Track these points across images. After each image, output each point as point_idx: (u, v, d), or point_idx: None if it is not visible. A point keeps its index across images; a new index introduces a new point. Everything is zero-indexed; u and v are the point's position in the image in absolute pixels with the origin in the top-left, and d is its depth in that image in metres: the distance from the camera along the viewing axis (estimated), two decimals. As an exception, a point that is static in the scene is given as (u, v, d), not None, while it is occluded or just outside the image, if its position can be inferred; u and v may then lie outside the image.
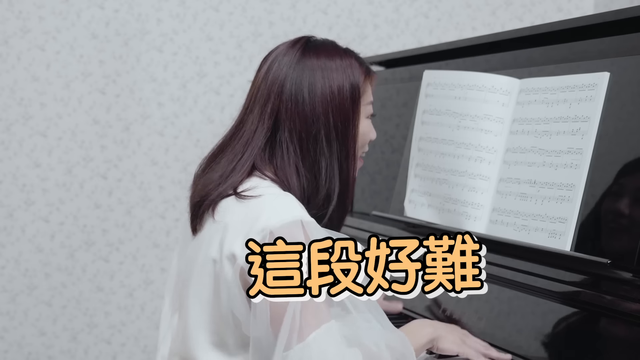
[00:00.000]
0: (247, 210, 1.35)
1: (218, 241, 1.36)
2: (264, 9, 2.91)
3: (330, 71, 1.43)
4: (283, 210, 1.33)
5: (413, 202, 1.94)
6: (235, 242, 1.33)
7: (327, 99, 1.42)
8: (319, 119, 1.41)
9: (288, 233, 1.28)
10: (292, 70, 1.43)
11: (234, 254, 1.33)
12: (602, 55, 1.62)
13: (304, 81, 1.42)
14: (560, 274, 1.51)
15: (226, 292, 1.36)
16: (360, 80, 1.46)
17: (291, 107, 1.41)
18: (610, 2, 2.95)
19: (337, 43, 1.52)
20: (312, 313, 1.28)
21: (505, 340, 1.55)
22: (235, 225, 1.35)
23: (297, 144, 1.41)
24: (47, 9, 2.75)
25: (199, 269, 1.39)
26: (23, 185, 2.78)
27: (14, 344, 2.80)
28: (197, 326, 1.40)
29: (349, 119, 1.43)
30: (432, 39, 3.05)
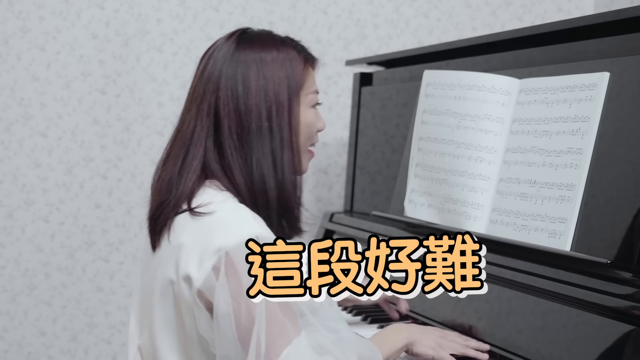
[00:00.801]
0: (201, 229, 1.32)
1: (174, 262, 1.33)
2: (264, 9, 2.91)
3: (264, 64, 1.38)
4: (237, 228, 1.30)
5: (413, 202, 1.94)
6: (190, 264, 1.30)
7: (261, 93, 1.37)
8: (253, 112, 1.37)
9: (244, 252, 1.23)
10: (226, 65, 1.39)
11: (189, 276, 1.30)
12: (602, 55, 1.62)
13: (238, 75, 1.38)
14: (560, 274, 1.51)
15: (188, 313, 1.33)
16: (297, 71, 1.41)
17: (227, 102, 1.37)
18: (610, 2, 2.95)
19: (274, 33, 1.46)
20: (279, 331, 1.26)
21: (505, 340, 1.55)
22: (189, 246, 1.31)
23: (236, 140, 1.37)
24: (47, 9, 2.75)
25: (160, 290, 1.36)
26: (23, 185, 2.78)
27: (14, 344, 2.80)
28: (164, 348, 1.37)
29: (285, 112, 1.39)
30: (432, 39, 3.05)
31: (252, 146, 1.37)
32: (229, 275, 1.27)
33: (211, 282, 1.28)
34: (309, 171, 3.00)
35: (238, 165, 1.37)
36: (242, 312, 1.26)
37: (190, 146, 1.39)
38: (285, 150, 1.39)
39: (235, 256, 1.27)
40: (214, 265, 1.28)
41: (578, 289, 1.46)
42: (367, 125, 2.44)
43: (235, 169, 1.37)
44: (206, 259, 1.29)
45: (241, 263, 1.25)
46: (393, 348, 1.46)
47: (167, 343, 1.37)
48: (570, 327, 1.43)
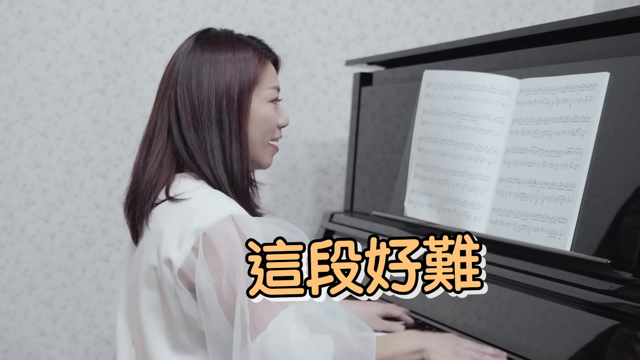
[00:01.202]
0: (179, 214, 1.38)
1: (155, 248, 1.39)
2: (264, 9, 2.91)
3: (218, 64, 1.46)
4: (212, 208, 1.36)
5: (413, 202, 1.94)
6: (171, 247, 1.36)
7: (212, 87, 1.45)
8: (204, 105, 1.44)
9: (221, 231, 1.33)
10: (183, 63, 1.47)
11: (170, 259, 1.36)
12: (602, 55, 1.62)
13: (192, 71, 1.45)
14: (560, 274, 1.51)
15: (172, 295, 1.39)
16: (250, 71, 1.47)
17: (183, 97, 1.45)
18: (610, 2, 2.95)
19: (234, 33, 1.53)
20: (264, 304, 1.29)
21: (505, 340, 1.55)
22: (169, 231, 1.37)
23: (193, 132, 1.45)
24: (47, 9, 2.75)
25: (144, 278, 1.42)
26: (23, 185, 2.78)
27: (14, 344, 2.80)
28: (153, 334, 1.43)
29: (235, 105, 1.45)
30: (432, 39, 3.05)
31: (204, 137, 1.44)
32: (207, 254, 1.33)
33: (191, 261, 1.34)
34: (309, 171, 3.01)
35: (198, 155, 1.44)
36: (223, 287, 1.32)
37: (153, 139, 1.47)
38: (234, 141, 1.45)
39: (212, 235, 1.33)
40: (193, 246, 1.34)
41: (578, 289, 1.46)
42: (367, 125, 2.44)
43: (198, 158, 1.44)
44: (185, 240, 1.35)
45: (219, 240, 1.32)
46: (403, 349, 1.44)
47: (154, 328, 1.43)
48: (570, 327, 1.43)
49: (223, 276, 1.31)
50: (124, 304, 1.55)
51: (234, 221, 1.34)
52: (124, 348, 1.53)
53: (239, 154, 1.46)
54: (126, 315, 1.54)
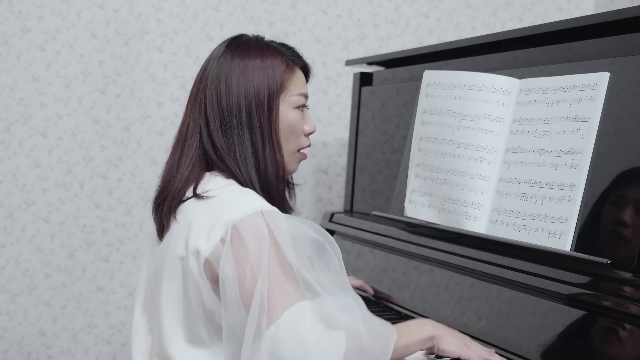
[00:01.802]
0: (209, 208, 1.42)
1: (184, 239, 1.42)
2: (264, 9, 2.91)
3: (247, 70, 1.50)
4: (243, 203, 1.39)
5: (413, 202, 1.94)
6: (199, 238, 1.39)
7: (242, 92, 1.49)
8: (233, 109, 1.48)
9: (250, 224, 1.36)
10: (214, 67, 1.52)
11: (198, 249, 1.39)
12: (602, 55, 1.62)
13: (222, 74, 1.50)
14: (560, 274, 1.51)
15: (194, 286, 1.41)
16: (277, 77, 1.51)
17: (212, 100, 1.50)
18: (610, 2, 2.95)
19: (265, 40, 1.57)
20: (282, 294, 1.32)
21: (505, 340, 1.55)
22: (198, 222, 1.41)
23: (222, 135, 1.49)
24: (47, 9, 2.75)
25: (168, 269, 1.45)
26: (23, 185, 2.78)
27: (14, 344, 2.80)
28: (170, 324, 1.45)
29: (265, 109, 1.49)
30: (432, 39, 3.05)
31: (233, 140, 1.48)
32: (234, 244, 1.35)
33: (218, 251, 1.37)
34: (309, 171, 3.01)
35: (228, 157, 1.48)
36: (246, 277, 1.33)
37: (186, 140, 1.51)
38: (266, 145, 1.49)
39: (241, 227, 1.36)
40: (222, 237, 1.37)
41: (578, 289, 1.46)
42: (367, 125, 2.44)
43: (227, 160, 1.48)
44: (214, 231, 1.38)
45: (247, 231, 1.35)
46: (415, 337, 1.43)
47: (172, 319, 1.45)
48: (570, 327, 1.44)
49: (247, 265, 1.33)
50: (142, 296, 1.58)
51: (263, 216, 1.37)
52: (139, 338, 1.56)
53: (273, 157, 1.49)
54: (144, 307, 1.57)
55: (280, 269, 1.34)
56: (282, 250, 1.35)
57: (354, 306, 1.37)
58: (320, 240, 1.39)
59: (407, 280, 1.93)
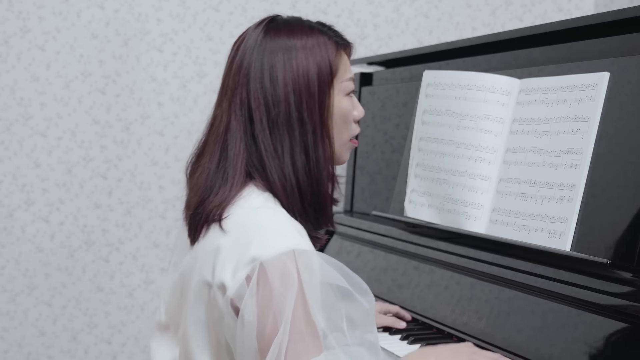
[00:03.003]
0: (238, 235, 1.28)
1: (211, 265, 1.29)
2: (264, 9, 2.91)
3: (292, 52, 1.32)
4: (275, 238, 1.25)
5: (413, 202, 1.94)
6: (226, 271, 1.26)
7: (289, 83, 1.31)
8: (281, 104, 1.31)
9: (279, 264, 1.22)
10: (254, 56, 1.33)
11: (224, 284, 1.26)
12: (602, 55, 1.62)
13: (265, 65, 1.32)
14: (560, 274, 1.51)
15: (218, 317, 1.30)
16: (330, 58, 1.34)
17: (257, 95, 1.32)
18: (610, 2, 2.95)
19: (303, 19, 1.40)
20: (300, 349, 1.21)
21: (505, 340, 1.55)
22: (226, 250, 1.27)
23: (268, 134, 1.31)
24: (47, 9, 2.75)
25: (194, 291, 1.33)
26: (23, 185, 2.78)
27: (14, 344, 2.80)
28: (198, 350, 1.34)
29: (316, 102, 1.32)
30: (432, 39, 3.05)
31: (283, 139, 1.31)
32: (260, 285, 1.22)
33: (242, 290, 1.24)
34: (309, 171, 3.00)
35: (271, 159, 1.31)
36: (267, 324, 1.22)
37: (228, 142, 1.33)
38: (318, 142, 1.33)
39: (269, 267, 1.22)
40: (247, 275, 1.23)
41: (578, 289, 1.46)
42: (367, 125, 2.44)
43: (269, 164, 1.31)
44: (240, 267, 1.24)
45: (275, 273, 1.22)
46: None
47: (200, 345, 1.33)
48: (570, 327, 1.43)
49: (270, 312, 1.21)
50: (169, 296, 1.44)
51: (294, 256, 1.23)
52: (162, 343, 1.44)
53: (324, 155, 1.34)
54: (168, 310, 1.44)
55: (304, 321, 1.21)
56: (308, 301, 1.22)
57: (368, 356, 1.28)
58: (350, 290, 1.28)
59: (407, 280, 1.93)
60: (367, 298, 1.29)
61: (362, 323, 1.29)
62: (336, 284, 1.27)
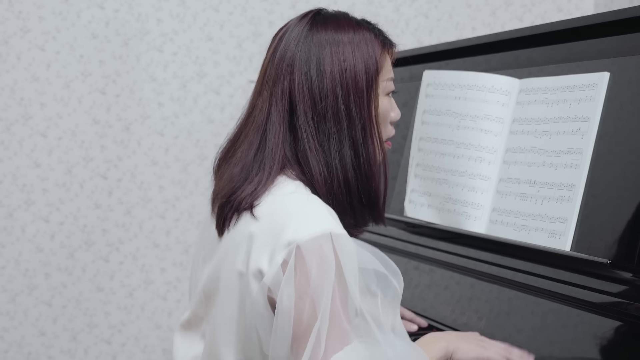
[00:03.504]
0: (272, 221, 1.25)
1: (244, 252, 1.26)
2: (264, 9, 2.91)
3: (340, 46, 1.31)
4: (311, 221, 1.22)
5: (413, 202, 1.94)
6: (262, 257, 1.23)
7: (337, 77, 1.30)
8: (328, 98, 1.29)
9: (316, 247, 1.19)
10: (299, 47, 1.31)
11: (261, 270, 1.23)
12: (602, 55, 1.62)
13: (312, 57, 1.30)
14: (560, 274, 1.51)
15: (251, 308, 1.26)
16: (376, 54, 1.33)
17: (302, 87, 1.29)
18: (610, 2, 2.95)
19: (350, 15, 1.39)
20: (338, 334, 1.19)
21: (505, 340, 1.55)
22: (261, 236, 1.25)
23: (313, 127, 1.29)
24: (47, 9, 2.75)
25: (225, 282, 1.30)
26: (23, 185, 2.78)
27: (14, 344, 2.80)
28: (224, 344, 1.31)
29: (364, 98, 1.31)
30: (432, 39, 3.05)
31: (330, 133, 1.29)
32: (298, 270, 1.20)
33: (279, 277, 1.21)
34: (309, 171, 3.00)
35: (315, 152, 1.29)
36: (305, 310, 1.19)
37: (268, 132, 1.30)
38: (368, 139, 1.31)
39: (306, 251, 1.20)
40: (284, 259, 1.21)
41: (578, 289, 1.46)
42: (367, 125, 2.44)
43: (311, 156, 1.29)
44: (277, 252, 1.22)
45: (312, 257, 1.20)
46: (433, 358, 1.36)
47: (227, 339, 1.31)
48: (570, 327, 1.43)
49: (308, 298, 1.19)
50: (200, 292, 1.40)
51: (332, 239, 1.21)
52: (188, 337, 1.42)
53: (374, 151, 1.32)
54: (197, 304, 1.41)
55: (341, 303, 1.20)
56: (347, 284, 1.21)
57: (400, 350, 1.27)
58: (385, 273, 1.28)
59: (407, 280, 1.92)
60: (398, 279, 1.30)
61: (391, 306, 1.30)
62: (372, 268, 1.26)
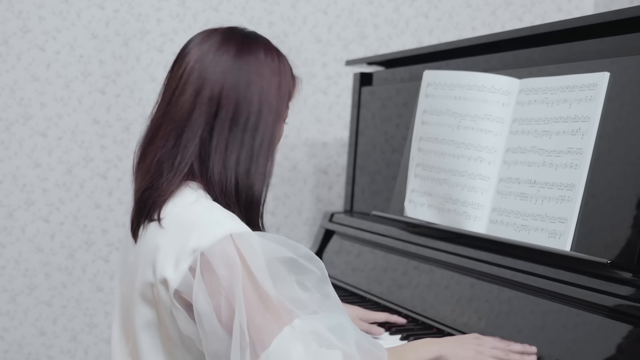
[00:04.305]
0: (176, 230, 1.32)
1: (151, 264, 1.33)
2: (264, 9, 2.91)
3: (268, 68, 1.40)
4: (212, 227, 1.29)
5: (413, 202, 1.94)
6: (167, 266, 1.30)
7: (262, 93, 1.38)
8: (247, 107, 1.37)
9: (219, 250, 1.26)
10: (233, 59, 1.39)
11: (166, 279, 1.29)
12: (602, 55, 1.62)
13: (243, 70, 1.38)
14: (560, 274, 1.51)
15: (167, 315, 1.33)
16: (289, 83, 1.43)
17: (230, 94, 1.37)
18: (610, 2, 2.95)
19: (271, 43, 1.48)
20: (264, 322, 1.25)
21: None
22: (165, 247, 1.31)
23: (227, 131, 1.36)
24: (47, 9, 2.75)
25: (139, 293, 1.36)
26: (23, 185, 2.78)
27: (14, 344, 2.80)
28: (148, 351, 1.37)
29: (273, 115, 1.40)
30: (432, 39, 3.05)
31: (237, 139, 1.37)
32: (205, 274, 1.27)
33: (189, 282, 1.28)
34: (309, 171, 3.01)
35: (219, 153, 1.36)
36: (222, 308, 1.26)
37: (186, 129, 1.36)
38: (262, 151, 1.39)
39: (210, 255, 1.27)
40: (190, 266, 1.28)
41: (578, 289, 1.46)
42: (367, 125, 2.44)
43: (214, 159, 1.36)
44: (182, 260, 1.29)
45: (217, 260, 1.26)
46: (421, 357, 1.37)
47: (151, 345, 1.37)
48: (570, 327, 1.44)
49: (222, 297, 1.26)
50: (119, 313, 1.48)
51: (233, 240, 1.28)
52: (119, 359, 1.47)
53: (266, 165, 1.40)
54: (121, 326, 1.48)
55: (257, 296, 1.26)
56: (256, 276, 1.27)
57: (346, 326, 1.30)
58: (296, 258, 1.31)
59: (407, 280, 1.93)
60: (316, 264, 1.32)
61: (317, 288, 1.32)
62: (282, 256, 1.30)
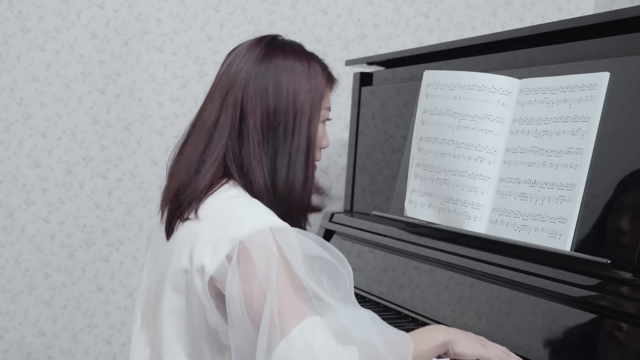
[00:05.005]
0: (216, 220, 1.36)
1: (188, 251, 1.36)
2: (264, 9, 2.91)
3: (295, 72, 1.44)
4: (251, 218, 1.34)
5: (413, 202, 1.94)
6: (204, 254, 1.34)
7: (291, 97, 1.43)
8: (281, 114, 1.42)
9: (258, 241, 1.30)
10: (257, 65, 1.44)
11: (203, 266, 1.33)
12: (602, 55, 1.62)
13: (270, 76, 1.43)
14: (560, 274, 1.51)
15: (197, 303, 1.36)
16: (321, 85, 1.47)
17: (255, 99, 1.42)
18: (610, 2, 2.95)
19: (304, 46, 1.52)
20: (292, 310, 1.28)
21: (505, 340, 1.55)
22: (204, 236, 1.35)
23: (261, 136, 1.41)
24: (47, 9, 2.75)
25: (171, 280, 1.39)
26: (23, 185, 2.78)
27: (14, 344, 2.80)
28: (171, 337, 1.40)
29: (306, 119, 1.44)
30: (432, 39, 3.05)
31: (276, 145, 1.42)
32: (241, 261, 1.30)
33: (224, 269, 1.31)
34: (309, 171, 3.00)
35: (258, 160, 1.41)
36: (253, 294, 1.29)
37: (214, 133, 1.43)
38: (299, 155, 1.43)
39: (249, 244, 1.30)
40: (228, 254, 1.31)
41: (578, 289, 1.46)
42: (367, 125, 2.44)
43: (254, 163, 1.41)
44: (220, 248, 1.32)
45: (255, 248, 1.30)
46: (430, 344, 1.39)
47: (174, 333, 1.40)
48: (570, 327, 1.44)
49: (255, 282, 1.29)
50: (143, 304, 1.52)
51: (272, 232, 1.32)
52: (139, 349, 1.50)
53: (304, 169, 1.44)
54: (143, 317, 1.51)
55: (290, 284, 1.29)
56: (292, 266, 1.30)
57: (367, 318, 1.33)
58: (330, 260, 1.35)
59: (407, 280, 1.93)
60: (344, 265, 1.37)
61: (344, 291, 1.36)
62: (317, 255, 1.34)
